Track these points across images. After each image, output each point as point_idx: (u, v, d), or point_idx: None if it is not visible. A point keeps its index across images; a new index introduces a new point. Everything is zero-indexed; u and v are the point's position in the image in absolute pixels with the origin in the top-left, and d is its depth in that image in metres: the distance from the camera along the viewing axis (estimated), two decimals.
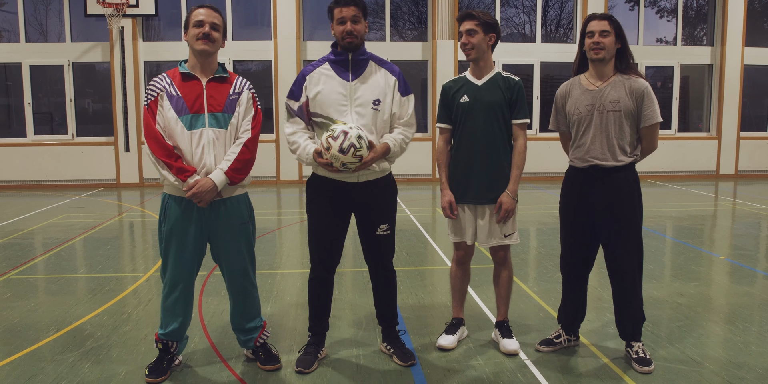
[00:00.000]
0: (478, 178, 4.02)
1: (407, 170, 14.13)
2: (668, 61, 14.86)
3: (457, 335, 4.28)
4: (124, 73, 13.55)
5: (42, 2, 13.84)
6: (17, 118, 14.10)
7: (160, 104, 3.60)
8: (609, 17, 3.80)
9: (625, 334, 4.01)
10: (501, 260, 4.19)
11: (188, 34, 3.64)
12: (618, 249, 3.87)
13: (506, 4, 14.73)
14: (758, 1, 15.33)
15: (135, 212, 10.41)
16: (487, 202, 4.04)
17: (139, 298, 5.43)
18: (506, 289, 4.24)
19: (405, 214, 9.66)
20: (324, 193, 3.85)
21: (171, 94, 3.61)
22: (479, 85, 4.02)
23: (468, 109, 4.00)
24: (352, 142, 3.50)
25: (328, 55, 3.87)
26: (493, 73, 4.05)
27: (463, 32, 3.96)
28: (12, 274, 6.26)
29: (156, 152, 3.55)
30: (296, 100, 3.81)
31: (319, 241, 3.90)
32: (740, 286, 5.69)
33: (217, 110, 3.63)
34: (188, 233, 3.67)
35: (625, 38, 3.82)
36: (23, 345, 4.30)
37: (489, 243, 4.09)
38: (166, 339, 3.81)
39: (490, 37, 3.97)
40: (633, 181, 3.87)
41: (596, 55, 3.79)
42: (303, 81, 3.81)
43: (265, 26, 13.99)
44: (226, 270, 3.85)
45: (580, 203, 3.95)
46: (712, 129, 15.10)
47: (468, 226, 4.11)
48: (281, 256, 6.92)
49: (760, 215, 9.60)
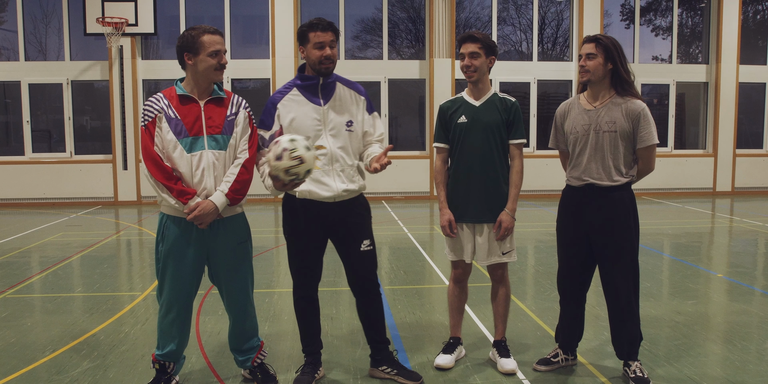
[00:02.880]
0: (477, 197, 4.05)
1: (404, 188, 14.16)
2: (664, 78, 14.97)
3: (455, 355, 4.27)
4: (122, 92, 13.61)
5: (41, 21, 13.93)
6: (16, 136, 14.13)
7: (158, 126, 3.57)
8: (596, 39, 3.83)
9: (622, 353, 4.00)
10: (499, 278, 4.20)
11: (200, 60, 3.58)
12: (612, 268, 3.89)
13: (503, 22, 14.85)
14: (752, 19, 15.48)
15: (133, 230, 10.40)
16: (486, 220, 4.07)
17: (137, 317, 5.42)
18: (504, 307, 4.24)
19: (402, 232, 9.67)
20: (301, 214, 3.83)
21: (170, 116, 3.58)
22: (477, 106, 4.07)
23: (466, 129, 4.04)
24: (284, 147, 3.34)
25: (294, 81, 3.87)
26: (490, 94, 4.10)
27: (466, 54, 3.99)
28: (8, 293, 6.24)
29: (155, 175, 3.53)
30: (268, 130, 3.79)
31: (302, 261, 3.91)
32: (738, 304, 5.69)
33: (216, 132, 3.63)
34: (187, 254, 3.66)
35: (617, 58, 3.83)
36: (19, 365, 4.28)
37: (488, 261, 4.10)
38: (163, 360, 3.79)
39: (491, 60, 4.04)
40: (629, 200, 3.89)
41: (582, 77, 3.88)
42: (274, 110, 3.79)
43: (264, 44, 14.09)
44: (225, 290, 3.83)
45: (576, 222, 3.97)
46: (709, 146, 15.16)
47: (467, 244, 4.12)
48: (278, 275, 6.91)
49: (757, 232, 9.61)
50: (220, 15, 13.97)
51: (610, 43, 3.82)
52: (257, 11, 14.18)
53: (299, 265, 3.92)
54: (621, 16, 15.28)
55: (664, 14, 15.32)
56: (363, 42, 14.87)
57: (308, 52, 3.75)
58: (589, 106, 3.91)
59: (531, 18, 14.82)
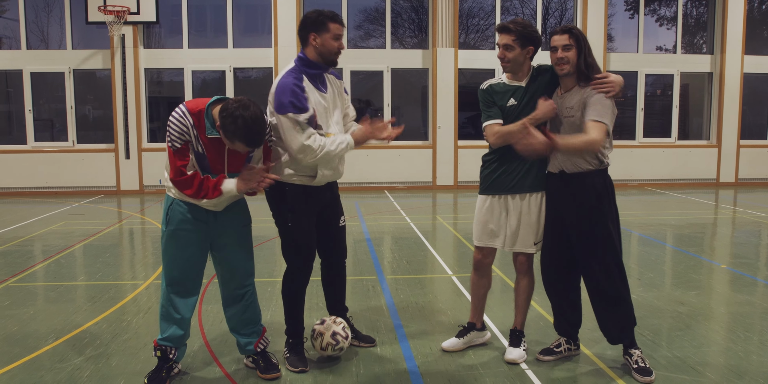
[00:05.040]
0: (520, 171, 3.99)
1: (407, 178, 14.14)
2: (668, 69, 14.90)
3: (464, 340, 4.32)
4: (124, 80, 13.57)
5: (43, 9, 13.88)
6: (18, 125, 14.12)
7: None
8: (569, 30, 3.81)
9: (612, 337, 4.00)
10: (522, 267, 4.20)
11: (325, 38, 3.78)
12: (588, 255, 3.92)
13: (506, 11, 14.77)
14: (757, 9, 15.39)
15: (135, 219, 10.40)
16: (526, 190, 4.01)
17: (139, 306, 5.42)
18: (524, 298, 4.26)
19: (405, 222, 9.66)
20: (305, 199, 3.94)
21: (196, 150, 3.55)
22: (524, 87, 3.98)
23: (515, 111, 3.94)
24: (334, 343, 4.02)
25: (301, 68, 3.83)
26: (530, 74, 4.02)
27: (500, 45, 3.92)
28: (11, 281, 6.25)
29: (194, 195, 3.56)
30: (303, 112, 3.69)
31: (310, 244, 4.03)
32: (741, 294, 5.68)
33: (236, 171, 3.65)
34: (192, 235, 3.69)
35: (582, 49, 3.79)
36: (22, 353, 4.28)
37: (516, 249, 4.13)
38: (165, 345, 3.80)
39: (528, 51, 3.93)
40: (601, 186, 3.87)
41: (561, 70, 3.84)
42: (304, 93, 3.73)
43: (266, 34, 14.03)
44: (228, 274, 3.85)
45: (552, 207, 4.03)
46: (712, 137, 15.11)
47: (498, 229, 4.11)
48: (280, 264, 6.90)
49: (760, 223, 9.59)
50: (222, 4, 13.91)
51: (579, 34, 3.81)
52: (259, 0, 14.11)
53: (308, 249, 4.01)
54: (625, 5, 15.18)
55: (668, 4, 15.21)
56: (366, 31, 14.80)
57: (325, 42, 3.79)
58: (560, 93, 3.96)
59: (534, 8, 14.74)
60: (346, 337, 4.05)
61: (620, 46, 15.22)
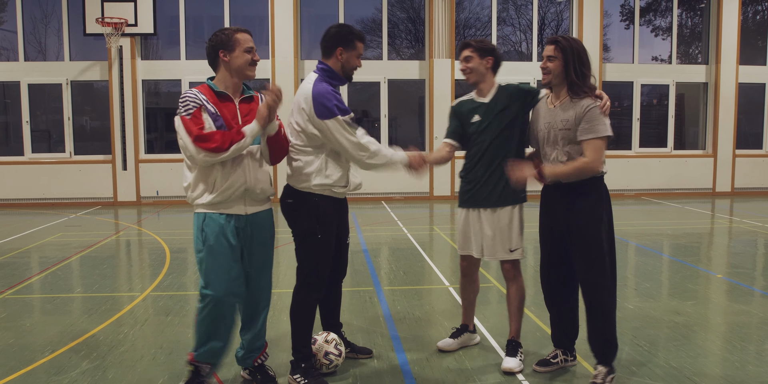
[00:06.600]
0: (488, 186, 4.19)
1: (404, 188, 14.16)
2: (663, 79, 14.97)
3: (458, 340, 4.49)
4: (122, 92, 13.60)
5: (41, 21, 13.93)
6: (15, 136, 14.13)
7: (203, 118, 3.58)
8: (556, 41, 3.86)
9: (596, 353, 3.99)
10: (508, 274, 4.27)
11: (235, 57, 3.68)
12: (582, 266, 3.91)
13: (503, 22, 14.85)
14: (752, 19, 15.48)
15: (132, 231, 10.40)
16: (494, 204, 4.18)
17: (136, 317, 5.41)
18: (516, 306, 4.30)
19: (402, 233, 9.66)
20: (334, 213, 3.95)
21: (210, 110, 3.60)
22: (487, 103, 4.21)
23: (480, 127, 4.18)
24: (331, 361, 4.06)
25: (331, 80, 3.92)
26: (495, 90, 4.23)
27: (461, 60, 4.23)
28: (7, 293, 6.24)
29: (221, 146, 3.48)
30: (349, 113, 3.83)
31: (331, 255, 3.97)
32: (737, 304, 5.69)
33: None
34: (229, 247, 3.63)
35: (570, 61, 3.82)
36: (18, 366, 4.27)
37: (494, 257, 4.22)
38: (200, 361, 3.72)
39: (487, 61, 4.19)
40: (595, 199, 3.88)
41: (543, 80, 3.95)
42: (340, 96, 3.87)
43: (263, 45, 14.08)
44: (253, 285, 3.82)
45: (549, 220, 4.06)
46: (708, 146, 15.17)
47: (474, 239, 4.28)
48: (278, 275, 6.89)
49: (756, 233, 9.61)
50: (220, 15, 13.97)
51: (568, 45, 3.83)
52: (257, 11, 14.17)
53: (329, 263, 3.98)
54: (621, 16, 15.28)
55: (663, 14, 15.32)
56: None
57: (351, 59, 3.94)
58: (551, 105, 3.98)
59: (531, 18, 14.82)
60: (339, 354, 4.06)
61: (616, 56, 15.32)
